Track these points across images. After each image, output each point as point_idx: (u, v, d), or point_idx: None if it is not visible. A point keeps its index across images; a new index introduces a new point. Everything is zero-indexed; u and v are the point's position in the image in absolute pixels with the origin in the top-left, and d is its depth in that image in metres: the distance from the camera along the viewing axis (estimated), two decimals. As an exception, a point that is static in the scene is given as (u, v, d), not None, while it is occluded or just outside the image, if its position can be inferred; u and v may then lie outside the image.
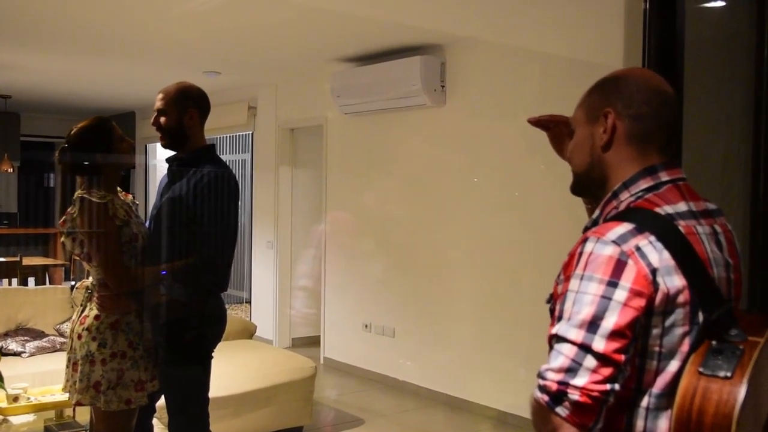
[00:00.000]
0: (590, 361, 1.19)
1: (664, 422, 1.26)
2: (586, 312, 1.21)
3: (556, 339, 1.23)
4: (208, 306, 2.82)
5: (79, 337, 2.67)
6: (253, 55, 6.04)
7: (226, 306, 2.98)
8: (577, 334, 1.20)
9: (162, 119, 2.72)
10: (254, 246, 7.54)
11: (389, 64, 5.41)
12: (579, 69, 4.31)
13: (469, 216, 5.15)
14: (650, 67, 2.01)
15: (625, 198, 1.35)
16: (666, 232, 1.26)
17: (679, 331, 1.24)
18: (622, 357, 1.19)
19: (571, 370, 1.19)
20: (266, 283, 7.25)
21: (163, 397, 2.85)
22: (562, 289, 1.28)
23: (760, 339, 1.24)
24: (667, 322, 1.24)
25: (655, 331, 1.24)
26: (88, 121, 2.73)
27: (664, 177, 1.34)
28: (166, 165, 2.82)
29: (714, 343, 1.22)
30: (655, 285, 1.22)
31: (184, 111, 2.72)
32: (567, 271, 1.29)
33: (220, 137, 8.50)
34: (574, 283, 1.25)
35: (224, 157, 8.44)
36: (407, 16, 4.61)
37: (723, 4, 2.69)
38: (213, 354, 2.87)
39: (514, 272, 4.84)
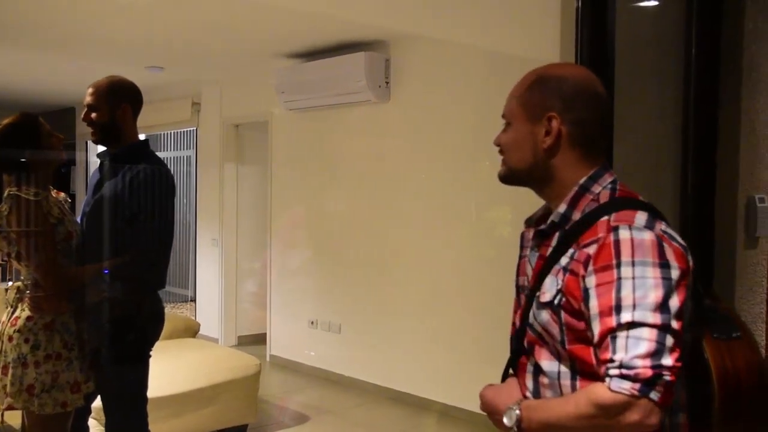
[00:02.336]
0: (670, 340, 1.22)
1: (679, 389, 1.34)
2: (656, 295, 1.23)
3: (630, 326, 1.22)
4: (145, 304, 2.77)
5: (10, 339, 2.60)
6: (196, 51, 5.95)
7: (171, 304, 2.93)
8: (655, 317, 1.22)
9: (93, 114, 2.66)
10: (199, 243, 7.44)
11: (334, 60, 5.40)
12: (520, 65, 4.35)
13: (415, 212, 5.18)
14: (583, 65, 2.04)
15: (599, 190, 1.40)
16: (664, 217, 1.36)
17: (689, 304, 1.32)
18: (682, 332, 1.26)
19: (659, 352, 1.21)
20: (211, 281, 7.16)
21: (99, 397, 2.79)
22: (600, 280, 1.27)
23: (724, 303, 1.45)
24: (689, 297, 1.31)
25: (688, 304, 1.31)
26: (12, 118, 2.64)
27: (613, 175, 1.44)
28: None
29: (705, 312, 1.42)
30: (688, 263, 1.29)
31: (117, 106, 2.66)
32: (599, 261, 1.28)
33: (163, 133, 8.36)
34: (625, 270, 1.25)
35: (168, 154, 8.31)
36: (351, 13, 4.60)
37: (656, 3, 2.75)
38: (151, 353, 2.82)
39: (459, 268, 4.89)
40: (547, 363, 1.39)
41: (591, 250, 1.30)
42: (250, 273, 7.00)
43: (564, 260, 1.35)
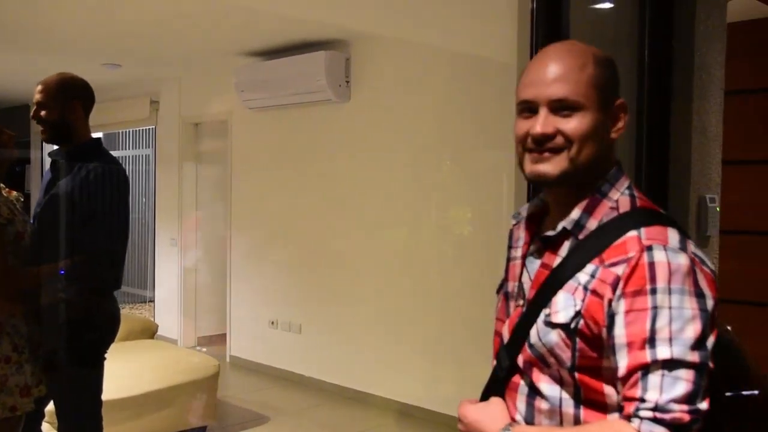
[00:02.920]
0: (704, 382, 1.10)
1: None
2: (694, 329, 1.10)
3: (667, 364, 1.09)
4: (99, 305, 2.72)
5: (-43, 342, 2.53)
6: (154, 48, 5.87)
7: (129, 305, 2.89)
8: (693, 355, 1.09)
9: (42, 112, 2.60)
10: (157, 243, 7.35)
11: (294, 59, 5.37)
12: (478, 65, 4.39)
13: (376, 211, 5.18)
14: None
15: (617, 197, 1.25)
16: (689, 234, 1.22)
17: None
18: None
19: (696, 395, 1.08)
20: (170, 281, 7.07)
21: (52, 401, 2.74)
22: (631, 306, 1.12)
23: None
24: None
25: None
26: None
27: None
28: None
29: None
30: (717, 290, 1.17)
31: (67, 103, 2.61)
32: (631, 285, 1.12)
33: (121, 132, 8.23)
34: (662, 299, 1.11)
35: (126, 152, 8.19)
36: (311, 12, 4.58)
37: (611, 5, 2.78)
38: (106, 355, 2.77)
39: (420, 267, 4.90)
40: (548, 387, 1.23)
41: (620, 270, 1.14)
42: (209, 273, 6.93)
43: (583, 277, 1.18)
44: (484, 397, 1.34)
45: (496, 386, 1.32)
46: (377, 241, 5.16)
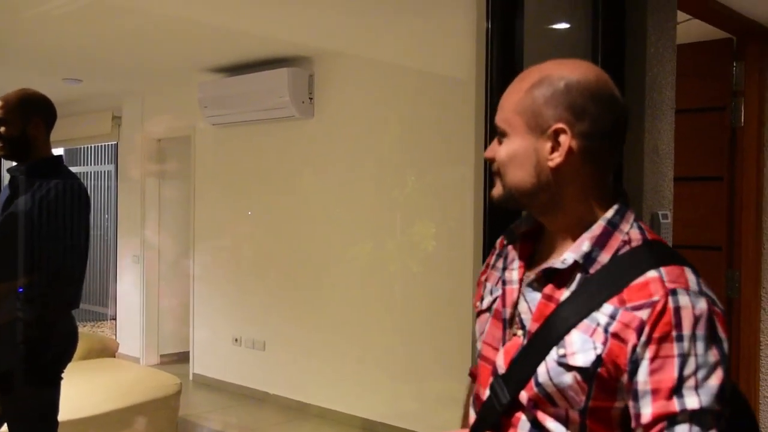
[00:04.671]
0: (724, 427, 1.09)
1: None
2: (717, 377, 1.08)
3: (695, 414, 1.06)
4: (56, 324, 2.69)
5: None
6: (116, 63, 5.83)
7: (90, 323, 2.86)
8: (718, 405, 1.07)
9: (2, 129, 2.58)
10: (119, 260, 7.26)
11: (257, 76, 5.38)
12: (439, 83, 4.45)
13: (340, 228, 5.19)
14: (492, 85, 2.10)
15: (627, 229, 1.19)
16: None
17: None
18: None
19: None
20: (132, 298, 6.99)
21: (6, 423, 2.69)
22: (657, 353, 1.08)
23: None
24: None
25: None
26: None
27: None
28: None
29: None
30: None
31: (28, 120, 2.59)
32: (658, 330, 1.08)
33: (82, 148, 8.14)
34: (688, 346, 1.07)
35: (87, 168, 8.10)
36: (273, 29, 4.60)
37: (567, 26, 2.85)
38: (63, 374, 2.74)
39: (385, 283, 4.92)
40: (553, 425, 1.17)
41: (644, 314, 1.09)
42: (172, 290, 6.87)
43: (602, 318, 1.12)
44: (481, 426, 1.26)
45: (490, 419, 1.23)
46: (341, 258, 5.17)
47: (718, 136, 3.49)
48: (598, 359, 1.11)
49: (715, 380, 1.08)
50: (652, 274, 1.11)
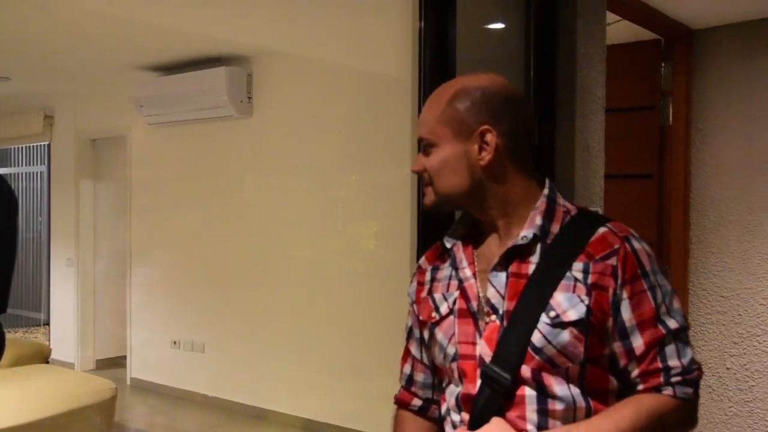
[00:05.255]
0: None
1: None
2: (676, 299, 1.30)
3: (676, 332, 1.26)
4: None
5: None
6: (47, 61, 5.67)
7: (22, 329, 2.77)
8: (685, 321, 1.29)
9: None
10: (53, 264, 7.06)
11: (194, 75, 5.30)
12: (377, 82, 4.46)
13: (282, 228, 5.16)
14: (425, 85, 2.12)
15: (562, 201, 1.36)
16: None
17: None
18: None
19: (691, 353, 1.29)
20: (67, 303, 6.81)
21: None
22: (633, 291, 1.25)
23: None
24: None
25: None
26: None
27: None
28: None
29: None
30: None
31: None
32: (628, 271, 1.25)
33: (12, 148, 7.90)
34: (652, 279, 1.27)
35: (17, 169, 7.87)
36: (210, 27, 4.54)
37: (502, 26, 2.89)
38: (-10, 381, 2.65)
39: (327, 283, 4.90)
40: (559, 388, 1.26)
41: (613, 261, 1.26)
42: (108, 294, 6.72)
43: (577, 275, 1.26)
44: (481, 419, 1.28)
45: (492, 407, 1.28)
46: (282, 258, 5.14)
47: (648, 134, 3.59)
48: (589, 309, 1.24)
49: (677, 303, 1.29)
50: (602, 229, 1.29)
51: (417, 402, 1.50)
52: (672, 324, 1.26)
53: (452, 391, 1.36)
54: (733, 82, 3.55)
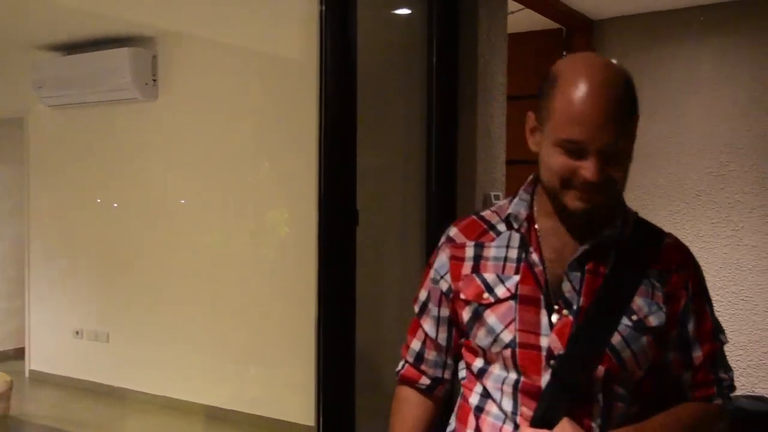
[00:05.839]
0: None
1: None
2: (715, 316, 1.37)
3: (722, 347, 1.35)
4: None
5: None
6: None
7: None
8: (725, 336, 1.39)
9: None
10: (-56, 252, 6.71)
11: (97, 55, 5.11)
12: (286, 66, 4.41)
13: (188, 214, 5.05)
14: (327, 70, 2.11)
15: (626, 205, 1.36)
16: None
17: None
18: None
19: None
20: (-40, 293, 6.49)
21: None
22: (699, 305, 1.32)
23: None
24: None
25: None
26: None
27: None
28: None
29: None
30: None
31: None
32: (696, 286, 1.32)
33: None
34: (708, 295, 1.35)
35: None
36: (112, 6, 4.39)
37: (408, 11, 2.90)
38: None
39: (237, 271, 4.84)
40: (622, 391, 1.27)
41: (686, 273, 1.31)
42: (4, 282, 6.43)
43: (654, 282, 1.27)
44: (548, 416, 1.23)
45: (560, 403, 1.23)
46: (189, 246, 5.04)
47: (550, 122, 3.68)
48: (666, 318, 1.27)
49: (717, 319, 1.37)
50: (669, 239, 1.34)
51: (425, 381, 1.44)
52: (723, 339, 1.36)
53: (498, 377, 1.30)
54: (631, 71, 3.67)
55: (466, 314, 1.33)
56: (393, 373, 1.50)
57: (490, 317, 1.29)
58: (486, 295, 1.30)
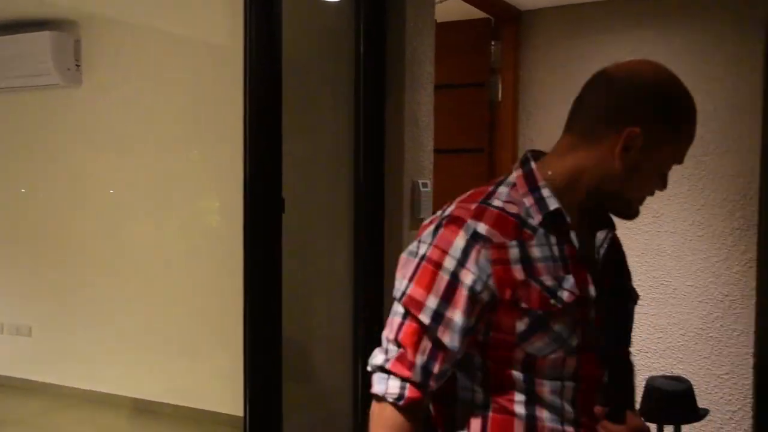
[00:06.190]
0: None
1: None
2: None
3: None
4: None
5: None
6: None
7: None
8: None
9: None
10: None
11: (14, 38, 4.90)
12: (215, 52, 4.34)
13: (115, 204, 4.93)
14: (252, 58, 2.08)
15: None
16: None
17: None
18: None
19: None
20: None
21: None
22: None
23: None
24: None
25: None
26: None
27: None
28: None
29: None
30: None
31: None
32: None
33: None
34: None
35: None
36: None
37: (336, -1, 2.88)
38: None
39: (167, 260, 4.75)
40: None
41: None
42: None
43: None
44: (617, 410, 1.25)
45: (623, 394, 1.27)
46: (117, 236, 4.92)
47: (479, 110, 3.73)
48: None
49: None
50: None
51: (427, 400, 1.26)
52: None
53: (554, 387, 1.23)
54: (557, 62, 3.74)
55: (521, 324, 1.20)
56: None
57: (556, 325, 1.20)
58: (553, 301, 1.20)
